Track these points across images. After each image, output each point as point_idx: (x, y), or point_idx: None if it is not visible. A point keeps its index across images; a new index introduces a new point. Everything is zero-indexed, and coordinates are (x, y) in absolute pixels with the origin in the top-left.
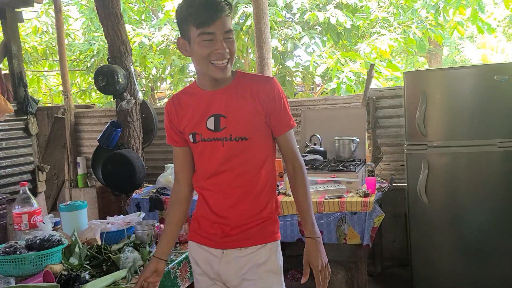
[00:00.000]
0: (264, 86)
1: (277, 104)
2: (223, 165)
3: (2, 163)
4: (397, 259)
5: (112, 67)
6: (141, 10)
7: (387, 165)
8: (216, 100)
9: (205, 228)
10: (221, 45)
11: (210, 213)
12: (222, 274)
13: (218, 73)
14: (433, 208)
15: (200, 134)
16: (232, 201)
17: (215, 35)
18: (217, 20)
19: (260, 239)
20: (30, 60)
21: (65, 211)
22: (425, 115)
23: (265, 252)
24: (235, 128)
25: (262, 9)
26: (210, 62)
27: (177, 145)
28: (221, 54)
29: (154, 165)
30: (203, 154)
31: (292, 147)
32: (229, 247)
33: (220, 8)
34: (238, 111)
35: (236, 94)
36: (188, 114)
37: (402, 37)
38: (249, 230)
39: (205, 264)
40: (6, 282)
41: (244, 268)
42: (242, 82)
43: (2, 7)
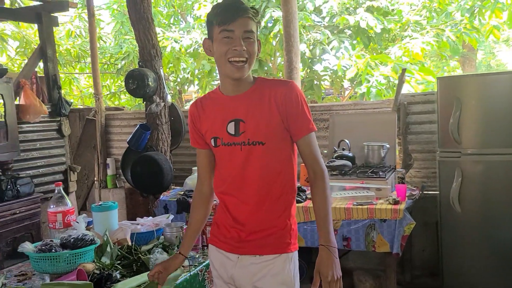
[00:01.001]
0: (281, 90)
1: (294, 107)
2: (241, 169)
3: (36, 163)
4: (427, 269)
5: (143, 70)
6: (169, 14)
7: (418, 172)
8: (236, 105)
9: (223, 232)
10: (239, 42)
11: (228, 217)
12: (236, 278)
13: (235, 72)
14: (466, 217)
15: (221, 138)
16: (250, 205)
17: (234, 33)
18: (237, 19)
19: (276, 249)
20: (63, 63)
21: (97, 211)
22: (459, 121)
23: (279, 263)
24: (252, 132)
25: (291, 12)
26: (228, 60)
27: (200, 147)
28: (238, 52)
29: (181, 167)
30: (223, 158)
31: (312, 152)
32: (244, 253)
33: (242, 9)
34: (256, 116)
35: (255, 98)
36: (210, 118)
37: (435, 41)
38: (266, 238)
39: (220, 267)
40: (42, 278)
41: (258, 275)
42: (262, 87)
43: (39, 12)
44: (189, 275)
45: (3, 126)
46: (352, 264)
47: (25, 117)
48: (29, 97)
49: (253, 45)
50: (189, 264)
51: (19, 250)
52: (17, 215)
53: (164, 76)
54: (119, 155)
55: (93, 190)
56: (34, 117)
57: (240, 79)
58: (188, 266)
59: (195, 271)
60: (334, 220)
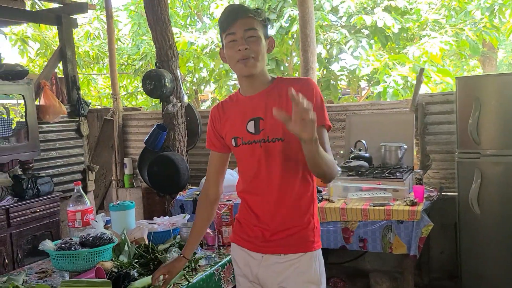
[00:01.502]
0: (298, 86)
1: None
2: (262, 166)
3: (56, 163)
4: (445, 271)
5: (160, 71)
6: (186, 14)
7: (436, 173)
8: (255, 103)
9: (246, 231)
10: (241, 42)
11: (251, 216)
12: (261, 277)
13: (243, 68)
14: (485, 219)
15: (241, 138)
16: (272, 203)
17: (236, 35)
18: (237, 21)
19: (301, 248)
20: (82, 64)
21: (114, 210)
22: (479, 122)
23: (305, 261)
24: (271, 129)
25: (308, 12)
26: (237, 61)
27: (215, 149)
28: (242, 52)
29: (197, 167)
30: (244, 157)
31: (323, 144)
32: (269, 252)
33: (241, 11)
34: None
35: (274, 96)
36: (231, 119)
37: (454, 40)
38: (290, 237)
39: (244, 266)
40: (61, 276)
41: (283, 275)
42: (279, 84)
43: (59, 14)
44: (205, 275)
45: (24, 126)
46: (368, 265)
47: (45, 117)
48: (49, 98)
49: (257, 42)
50: (205, 263)
51: (39, 248)
52: (37, 213)
53: (180, 76)
54: (136, 155)
55: (111, 190)
56: (53, 117)
57: (252, 76)
58: (204, 266)
59: (211, 271)
60: (351, 221)
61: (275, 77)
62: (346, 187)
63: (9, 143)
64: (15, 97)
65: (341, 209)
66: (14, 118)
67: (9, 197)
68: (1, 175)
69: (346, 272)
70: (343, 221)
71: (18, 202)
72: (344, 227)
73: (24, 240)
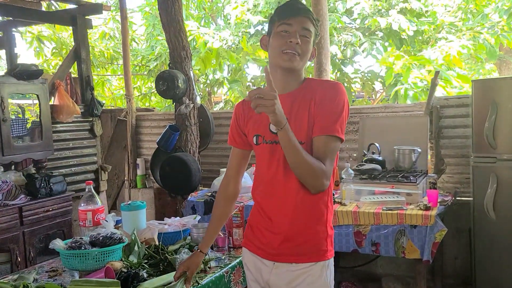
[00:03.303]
0: (325, 91)
1: (328, 107)
2: (280, 168)
3: (69, 162)
4: (459, 277)
5: (173, 72)
6: (200, 16)
7: (451, 177)
8: (281, 103)
9: (258, 236)
10: (295, 36)
11: (264, 219)
12: (272, 284)
13: (286, 60)
14: (500, 224)
15: (263, 136)
16: (287, 207)
17: (292, 27)
18: (297, 16)
19: (314, 257)
20: (97, 64)
21: (125, 210)
22: (495, 125)
23: (316, 270)
24: (294, 132)
25: (321, 14)
26: (282, 51)
27: (236, 145)
28: (293, 44)
29: (209, 168)
30: (263, 156)
31: (324, 152)
32: (280, 261)
33: (304, 9)
34: (299, 115)
35: (300, 98)
36: (255, 116)
37: (472, 44)
38: (302, 245)
39: (256, 272)
40: (71, 275)
41: (293, 283)
42: (308, 87)
43: (74, 15)
44: (215, 277)
45: (38, 126)
46: (380, 270)
47: (58, 117)
48: (63, 98)
49: (308, 43)
50: (215, 265)
51: (50, 246)
52: (50, 212)
53: (193, 77)
54: (148, 155)
55: (123, 190)
56: (67, 117)
57: (290, 71)
58: (214, 268)
59: (220, 273)
60: (363, 224)
61: (306, 77)
62: (359, 190)
63: (23, 142)
64: (31, 97)
65: (354, 212)
66: (30, 118)
67: (22, 196)
68: (15, 173)
69: (358, 276)
70: (355, 224)
71: (31, 201)
72: (356, 230)
73: (36, 239)
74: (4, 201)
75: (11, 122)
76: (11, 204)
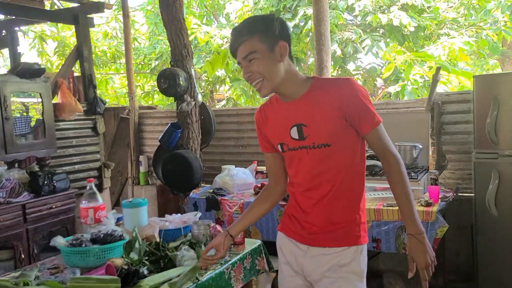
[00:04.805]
0: (341, 90)
1: (355, 105)
2: (310, 172)
3: (72, 160)
4: (461, 273)
5: (174, 70)
6: (202, 14)
7: (452, 173)
8: (295, 110)
9: (294, 224)
10: (244, 70)
11: (300, 213)
12: (305, 267)
13: (259, 93)
14: (502, 221)
15: (287, 144)
16: (321, 205)
17: (241, 64)
18: (237, 51)
19: (345, 242)
20: (99, 63)
21: (127, 207)
22: (497, 121)
23: (348, 254)
24: (317, 136)
25: (322, 11)
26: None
27: (268, 151)
28: (248, 78)
29: (211, 165)
30: (292, 162)
31: (383, 143)
32: (314, 245)
33: (236, 38)
34: (317, 119)
35: (313, 101)
36: (273, 125)
37: (474, 40)
38: (336, 232)
39: (290, 255)
40: (72, 272)
41: (326, 266)
42: (318, 88)
43: (76, 13)
44: (215, 273)
45: (41, 124)
46: (382, 266)
47: (61, 115)
48: (65, 96)
49: (258, 62)
50: None
51: (51, 244)
52: (53, 209)
53: (195, 75)
54: (151, 152)
55: (127, 187)
56: (69, 115)
57: (275, 91)
58: (214, 264)
59: (221, 269)
60: None
61: (310, 77)
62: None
63: (27, 140)
64: (36, 96)
65: None
66: (34, 116)
67: (25, 193)
68: (19, 171)
69: None
70: None
71: (35, 198)
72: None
73: (40, 236)
74: (8, 199)
75: (14, 120)
76: (15, 201)
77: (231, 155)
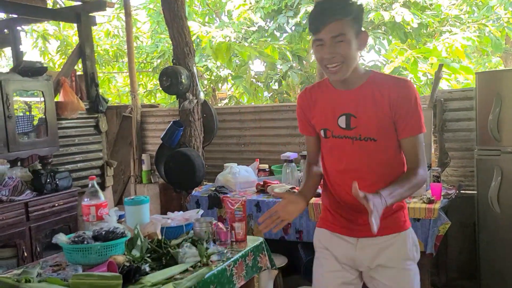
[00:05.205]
0: (397, 89)
1: (407, 106)
2: (351, 163)
3: (75, 158)
4: (463, 271)
5: (176, 68)
6: (204, 12)
7: (455, 170)
8: (347, 99)
9: (338, 218)
10: (329, 50)
11: (342, 208)
12: (357, 259)
13: (331, 75)
14: (505, 218)
15: (332, 131)
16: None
17: (323, 41)
18: (325, 27)
19: (395, 228)
20: (102, 62)
21: (129, 205)
22: (499, 118)
23: (399, 240)
24: (365, 128)
25: None
26: (324, 65)
27: (309, 134)
28: (329, 59)
29: (213, 164)
30: (332, 150)
31: (416, 153)
32: (364, 236)
33: (330, 14)
34: (368, 112)
35: (367, 95)
36: (320, 110)
37: (476, 36)
38: (384, 220)
39: (337, 250)
40: (74, 269)
41: (380, 254)
42: (374, 83)
43: (78, 12)
44: (217, 270)
45: (43, 122)
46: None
47: (63, 114)
48: (67, 94)
49: (345, 46)
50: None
51: (53, 241)
52: (56, 207)
53: (197, 73)
54: (154, 151)
55: (129, 185)
56: (71, 113)
57: (341, 80)
58: (216, 261)
59: (223, 266)
60: None
61: (369, 71)
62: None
63: (29, 139)
64: (39, 95)
65: None
66: (37, 115)
67: (28, 191)
68: (21, 169)
69: None
70: None
71: (37, 196)
72: None
73: (42, 234)
74: (10, 197)
75: (17, 119)
76: (17, 199)
77: (233, 153)
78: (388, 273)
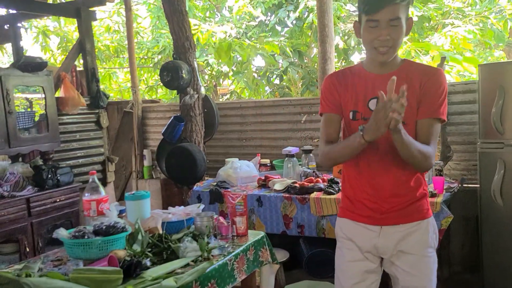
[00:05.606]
0: (429, 75)
1: (433, 91)
2: (380, 146)
3: (76, 154)
4: (466, 264)
5: (177, 62)
6: (205, 7)
7: (458, 164)
8: (380, 83)
9: (360, 207)
10: (384, 32)
11: (363, 193)
12: (380, 247)
13: (380, 57)
14: (508, 211)
15: (361, 113)
16: (388, 183)
17: (379, 22)
18: (383, 9)
19: (418, 216)
20: (103, 58)
21: (130, 200)
22: (502, 111)
23: (422, 227)
24: None
25: (325, 2)
26: (374, 47)
27: (332, 111)
28: (382, 41)
29: (214, 159)
30: None
31: (428, 135)
32: (387, 224)
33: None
34: None
35: (401, 79)
36: (351, 91)
37: (478, 29)
38: (406, 208)
39: (359, 239)
40: (75, 264)
41: (403, 241)
42: (408, 69)
43: (78, 7)
44: (218, 265)
45: (44, 118)
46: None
47: (64, 109)
48: (68, 90)
49: (399, 30)
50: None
51: (53, 236)
52: (57, 203)
53: (198, 68)
54: (155, 146)
55: (131, 181)
56: (72, 108)
57: (385, 62)
58: (218, 256)
59: (224, 261)
60: None
61: (403, 59)
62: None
63: (30, 134)
64: (40, 91)
65: None
66: (38, 111)
67: (29, 187)
68: (22, 165)
69: None
70: None
71: (39, 192)
72: None
73: (44, 229)
74: (12, 192)
75: (18, 114)
76: (19, 195)
77: (234, 148)
78: (409, 260)
